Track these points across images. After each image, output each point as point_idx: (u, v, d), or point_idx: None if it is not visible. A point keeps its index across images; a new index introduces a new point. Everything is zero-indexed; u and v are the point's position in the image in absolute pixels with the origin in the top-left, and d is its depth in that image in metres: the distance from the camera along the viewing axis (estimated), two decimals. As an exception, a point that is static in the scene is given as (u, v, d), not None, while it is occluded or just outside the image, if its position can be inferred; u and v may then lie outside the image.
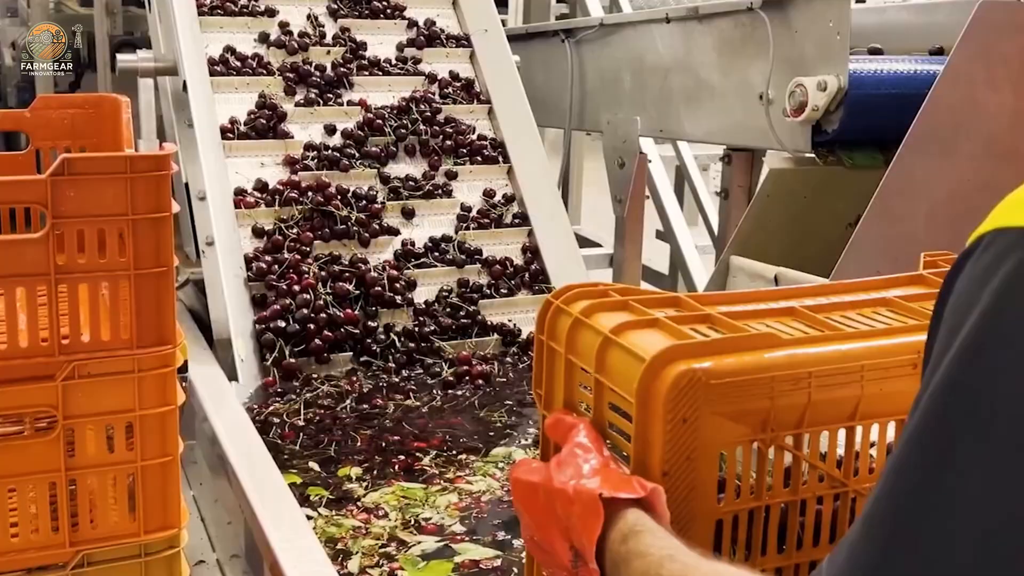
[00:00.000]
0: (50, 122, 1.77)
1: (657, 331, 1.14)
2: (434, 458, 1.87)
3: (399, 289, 2.36)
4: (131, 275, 1.29)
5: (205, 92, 2.51)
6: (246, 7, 2.78)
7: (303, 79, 2.68)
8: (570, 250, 2.62)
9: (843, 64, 2.06)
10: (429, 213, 2.57)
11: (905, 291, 1.34)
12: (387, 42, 2.87)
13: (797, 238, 2.26)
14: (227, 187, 2.41)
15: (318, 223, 2.42)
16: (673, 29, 2.67)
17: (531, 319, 2.49)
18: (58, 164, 1.24)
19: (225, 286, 2.27)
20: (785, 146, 2.21)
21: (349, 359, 2.28)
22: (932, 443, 0.57)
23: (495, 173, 2.69)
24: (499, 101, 2.80)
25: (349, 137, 2.60)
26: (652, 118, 2.80)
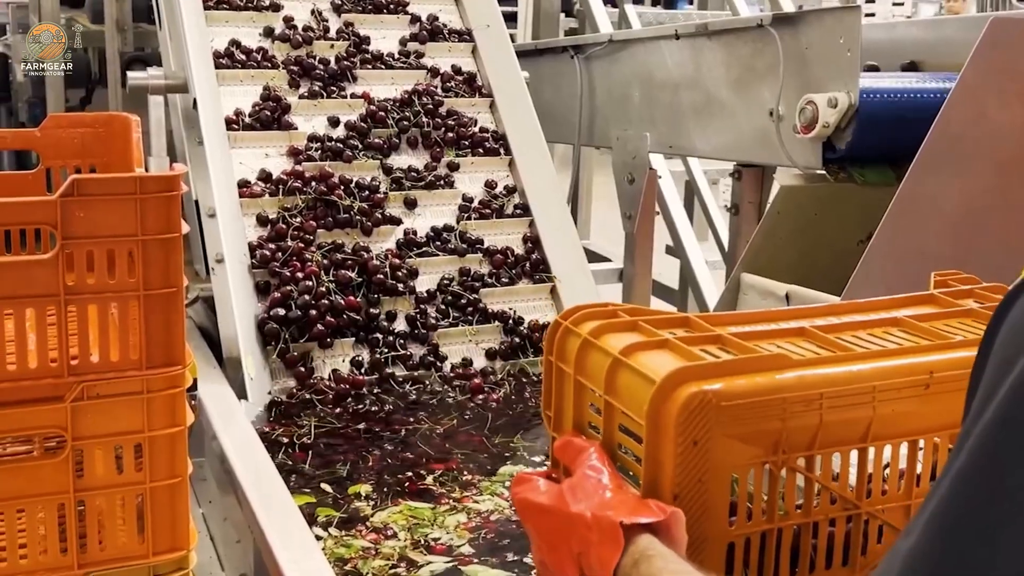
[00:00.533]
0: (60, 141, 1.77)
1: (667, 352, 1.14)
2: (438, 477, 1.86)
3: (401, 277, 2.39)
4: (140, 296, 1.29)
5: (216, 112, 2.52)
6: (251, 2, 2.82)
7: (307, 72, 2.71)
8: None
9: (854, 81, 2.06)
10: (431, 203, 2.60)
11: (916, 311, 1.33)
12: (390, 37, 2.90)
13: (808, 255, 2.25)
14: (236, 208, 2.41)
15: (321, 212, 2.45)
16: (683, 45, 2.67)
17: (532, 307, 2.50)
18: (68, 185, 1.24)
19: (235, 304, 2.27)
20: (796, 163, 2.21)
21: (351, 344, 2.31)
22: (982, 481, 0.56)
23: (496, 165, 2.71)
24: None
25: (352, 129, 2.63)
26: (662, 134, 2.80)
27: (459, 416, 2.15)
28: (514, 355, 2.41)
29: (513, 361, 2.40)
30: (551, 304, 2.54)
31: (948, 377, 1.14)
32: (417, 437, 2.02)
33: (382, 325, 2.34)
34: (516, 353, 2.41)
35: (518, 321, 2.44)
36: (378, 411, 2.15)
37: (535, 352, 2.39)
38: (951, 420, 1.17)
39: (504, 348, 2.40)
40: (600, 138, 3.14)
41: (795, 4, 5.56)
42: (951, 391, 1.15)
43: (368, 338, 2.32)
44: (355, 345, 2.32)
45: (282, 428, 2.02)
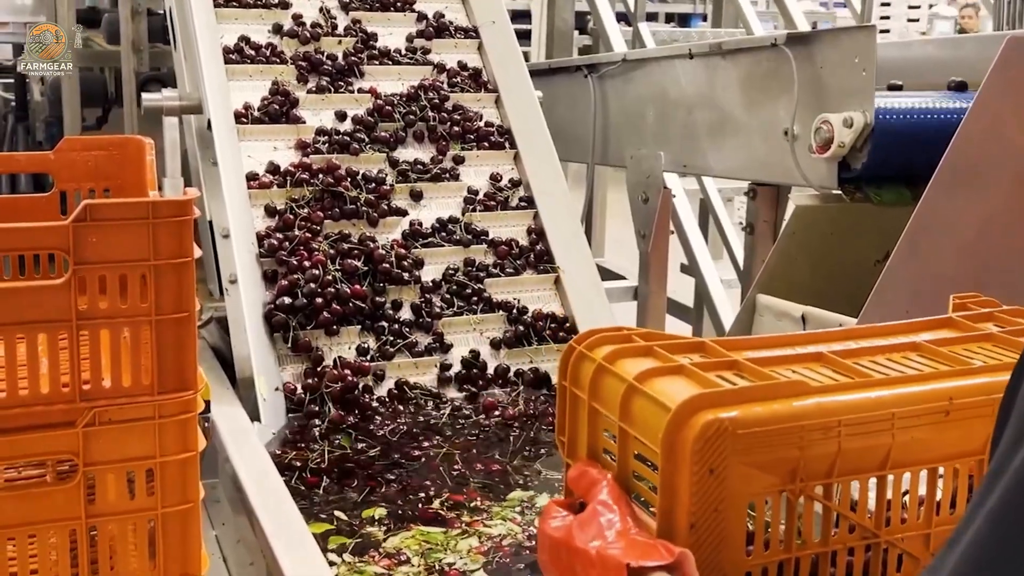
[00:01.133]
0: (74, 164, 1.78)
1: (682, 378, 1.13)
2: (445, 501, 1.85)
3: (407, 267, 2.41)
4: (152, 320, 1.29)
5: (231, 136, 2.52)
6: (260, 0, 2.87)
7: (315, 67, 2.75)
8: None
9: (869, 100, 2.04)
10: (437, 196, 2.62)
11: (935, 335, 1.31)
12: (397, 33, 2.94)
13: (824, 276, 2.23)
14: (249, 228, 2.41)
15: (328, 203, 2.48)
16: (696, 65, 2.66)
17: (536, 297, 2.52)
18: (81, 210, 1.24)
19: (248, 324, 2.27)
20: (811, 183, 2.19)
21: (358, 332, 2.33)
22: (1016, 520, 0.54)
23: (501, 158, 2.74)
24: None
25: (359, 123, 2.67)
26: (676, 153, 2.79)
27: (473, 436, 2.14)
28: (518, 343, 2.43)
29: (518, 349, 2.42)
30: (555, 294, 2.56)
31: (968, 404, 1.13)
32: (429, 460, 2.01)
33: (388, 313, 2.37)
34: (520, 342, 2.43)
35: (522, 310, 2.46)
36: (391, 431, 2.14)
37: (539, 341, 2.41)
38: (971, 447, 1.15)
39: (508, 337, 2.42)
40: (614, 157, 3.13)
41: (808, 20, 5.56)
42: (971, 417, 1.13)
43: (374, 326, 2.35)
44: (361, 333, 2.35)
45: (295, 452, 2.01)
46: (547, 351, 2.42)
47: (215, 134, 2.48)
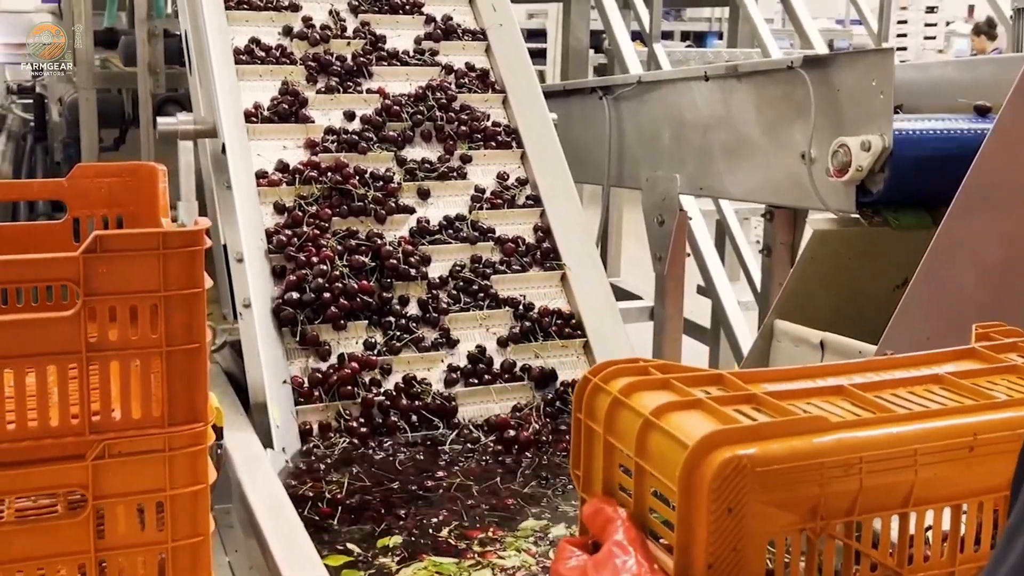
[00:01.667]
0: (87, 191, 1.77)
1: (700, 413, 1.11)
2: (456, 530, 1.82)
3: (414, 263, 2.43)
4: (163, 352, 1.28)
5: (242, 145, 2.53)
6: (271, 2, 2.91)
7: (324, 68, 2.78)
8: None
9: (887, 123, 2.02)
10: (444, 194, 2.64)
11: (957, 366, 1.29)
12: (405, 36, 2.96)
13: (843, 301, 2.21)
14: (262, 256, 2.41)
15: (336, 201, 2.51)
16: (712, 87, 2.64)
17: (542, 294, 2.53)
18: (91, 241, 1.23)
19: (261, 350, 2.25)
20: (828, 206, 2.17)
21: (365, 327, 2.35)
22: None
23: (508, 158, 2.75)
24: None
25: (367, 122, 2.69)
26: (692, 175, 2.78)
27: (485, 461, 2.12)
28: (524, 339, 2.43)
29: (524, 345, 2.43)
30: (561, 291, 2.56)
31: (993, 439, 1.10)
32: (442, 490, 1.99)
33: (395, 309, 2.38)
34: (526, 337, 2.43)
35: (528, 307, 2.47)
36: (403, 458, 2.12)
37: (545, 337, 2.42)
38: (996, 483, 1.13)
39: (514, 333, 2.43)
40: (629, 179, 3.11)
41: (824, 38, 5.54)
42: (996, 453, 1.11)
43: (381, 321, 2.36)
44: (368, 328, 2.36)
45: (310, 483, 1.99)
46: (553, 347, 2.43)
47: (228, 158, 2.48)
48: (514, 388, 2.37)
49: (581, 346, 2.47)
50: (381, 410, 2.25)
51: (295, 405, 2.21)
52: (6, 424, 1.24)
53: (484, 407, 2.34)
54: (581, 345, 2.47)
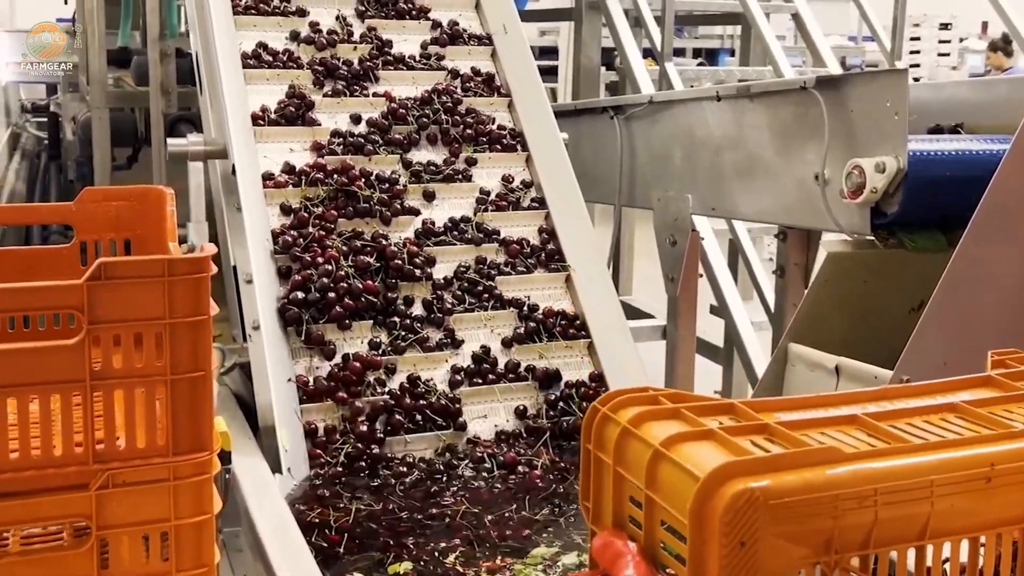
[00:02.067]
0: (95, 215, 1.77)
1: (711, 444, 1.09)
2: (459, 556, 1.80)
3: (419, 264, 2.45)
4: (168, 380, 1.27)
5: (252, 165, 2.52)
6: (278, 7, 2.93)
7: (331, 72, 2.80)
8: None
9: (902, 145, 2.00)
10: (449, 196, 2.65)
11: (973, 394, 1.26)
12: (412, 41, 2.99)
13: (858, 324, 2.18)
14: (272, 276, 2.40)
15: (342, 202, 2.53)
16: (724, 107, 2.63)
17: (547, 295, 2.53)
18: (95, 268, 1.22)
19: (270, 372, 2.24)
20: (843, 228, 2.15)
21: (370, 327, 2.36)
22: None
23: (513, 161, 2.76)
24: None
25: (374, 125, 2.71)
26: (704, 196, 2.76)
27: (496, 487, 2.10)
28: (529, 339, 2.44)
29: (528, 345, 2.43)
30: (565, 292, 2.57)
31: (1011, 469, 1.08)
32: (452, 516, 1.96)
33: (399, 309, 2.40)
34: (531, 338, 2.44)
35: (533, 308, 2.48)
36: (413, 479, 2.10)
37: (549, 337, 2.42)
38: (1014, 514, 1.10)
39: (519, 333, 2.43)
40: (641, 199, 3.10)
41: (837, 55, 5.52)
42: (1014, 484, 1.08)
43: (386, 321, 2.37)
44: (373, 328, 2.37)
45: (319, 510, 1.97)
46: (557, 347, 2.44)
47: (239, 178, 2.47)
48: (518, 388, 2.37)
49: (585, 347, 2.47)
50: (386, 410, 2.25)
51: (299, 403, 2.22)
52: (9, 453, 1.23)
53: (488, 407, 2.34)
54: (585, 346, 2.47)
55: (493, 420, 2.34)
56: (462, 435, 2.28)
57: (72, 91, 8.03)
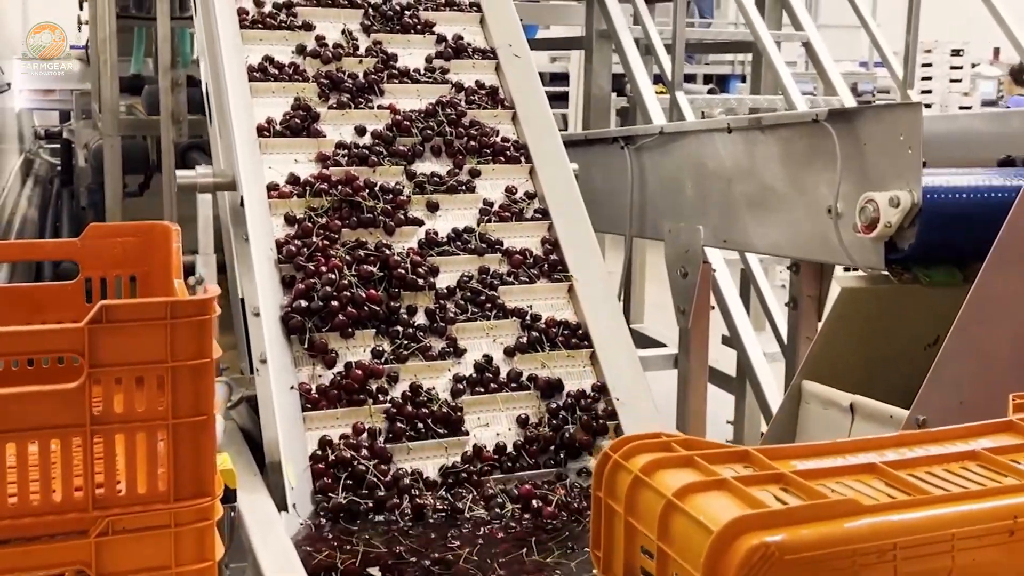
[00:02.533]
0: (101, 251, 1.75)
1: (725, 495, 1.06)
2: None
3: (422, 273, 2.45)
4: (169, 425, 1.24)
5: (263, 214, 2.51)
6: (285, 22, 2.95)
7: (336, 85, 2.82)
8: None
9: (916, 179, 1.97)
10: (452, 207, 2.66)
11: (994, 441, 1.23)
12: (416, 54, 3.01)
13: (872, 360, 2.14)
14: (277, 309, 2.38)
15: (346, 213, 2.54)
16: (735, 138, 2.60)
17: (549, 306, 2.53)
18: (96, 311, 1.20)
19: (276, 406, 2.21)
20: (856, 262, 2.12)
21: (372, 335, 2.36)
22: None
23: (517, 172, 2.77)
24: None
25: (378, 137, 2.72)
26: (716, 227, 2.73)
27: (510, 528, 2.06)
28: (531, 348, 2.43)
29: (530, 354, 2.42)
30: (568, 302, 2.56)
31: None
32: (460, 559, 1.92)
33: (402, 318, 2.40)
34: (533, 347, 2.44)
35: (535, 317, 2.48)
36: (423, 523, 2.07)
37: (552, 347, 2.42)
38: (1039, 568, 1.07)
39: (521, 343, 2.43)
40: (652, 230, 3.07)
41: (848, 81, 5.50)
42: (1039, 537, 1.05)
43: (389, 330, 2.38)
44: (376, 336, 2.37)
45: (325, 553, 1.93)
46: (559, 357, 2.43)
47: (247, 210, 2.46)
48: (520, 397, 2.37)
49: (588, 356, 2.47)
50: (388, 418, 2.25)
51: (302, 411, 2.21)
52: (7, 499, 1.21)
53: (490, 415, 2.33)
54: (588, 355, 2.47)
55: (495, 428, 2.33)
56: (464, 442, 2.27)
57: (85, 118, 8.08)
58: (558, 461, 2.28)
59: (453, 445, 2.27)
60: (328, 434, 2.22)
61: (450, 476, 2.21)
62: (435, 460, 2.24)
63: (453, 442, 2.26)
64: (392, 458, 2.20)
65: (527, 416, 2.34)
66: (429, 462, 2.24)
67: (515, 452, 2.28)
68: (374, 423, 2.24)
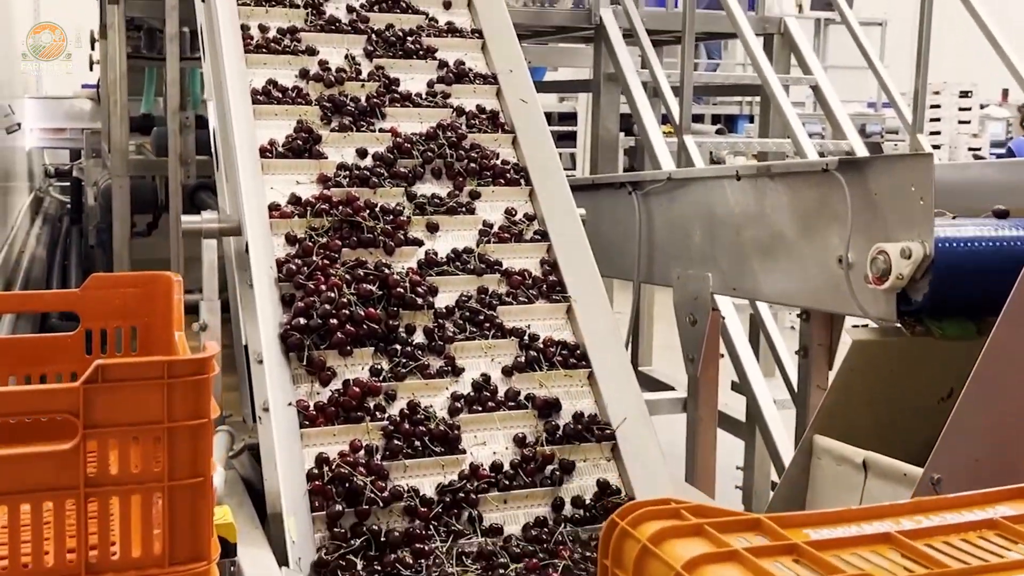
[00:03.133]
0: (101, 302, 1.73)
1: (737, 568, 1.02)
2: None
3: (421, 293, 2.46)
4: (165, 487, 1.21)
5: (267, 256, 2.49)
6: (289, 47, 2.99)
7: (338, 108, 2.85)
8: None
9: (928, 230, 1.95)
10: (452, 228, 2.67)
11: (1014, 508, 1.20)
12: (418, 79, 3.03)
13: (885, 414, 2.11)
14: (282, 359, 2.35)
15: (346, 232, 2.55)
16: (744, 185, 2.58)
17: (547, 326, 2.52)
18: (92, 371, 1.17)
19: (278, 456, 2.18)
20: (868, 314, 2.09)
21: (371, 354, 2.36)
22: None
23: (517, 195, 2.79)
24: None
25: (379, 159, 2.74)
26: (725, 275, 2.70)
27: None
28: (529, 368, 2.43)
29: (528, 374, 2.42)
30: (566, 323, 2.56)
31: (1058, 597, 1.01)
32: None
33: (401, 336, 2.40)
34: (531, 366, 2.43)
35: (534, 337, 2.48)
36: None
37: (550, 367, 2.42)
38: (1063, 645, 1.03)
39: (519, 362, 2.43)
40: (660, 276, 3.05)
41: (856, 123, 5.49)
42: (1062, 613, 1.01)
43: (387, 349, 2.37)
44: (375, 355, 2.36)
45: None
46: (557, 376, 2.42)
47: (251, 257, 2.44)
48: (518, 416, 2.36)
49: (585, 376, 2.46)
50: (385, 435, 2.24)
51: (300, 428, 2.21)
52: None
53: (488, 434, 2.32)
54: (585, 375, 2.46)
55: (492, 447, 2.32)
56: (461, 460, 2.26)
57: (95, 157, 8.11)
58: (554, 480, 2.27)
59: (450, 463, 2.26)
60: (325, 451, 2.21)
61: (447, 494, 2.20)
62: (432, 478, 2.23)
63: (450, 460, 2.26)
64: (389, 475, 2.20)
65: (524, 435, 2.33)
66: (426, 480, 2.23)
67: (512, 470, 2.27)
68: (371, 440, 2.24)
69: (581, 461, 2.31)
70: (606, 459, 2.33)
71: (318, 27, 3.06)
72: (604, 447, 2.34)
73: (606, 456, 2.34)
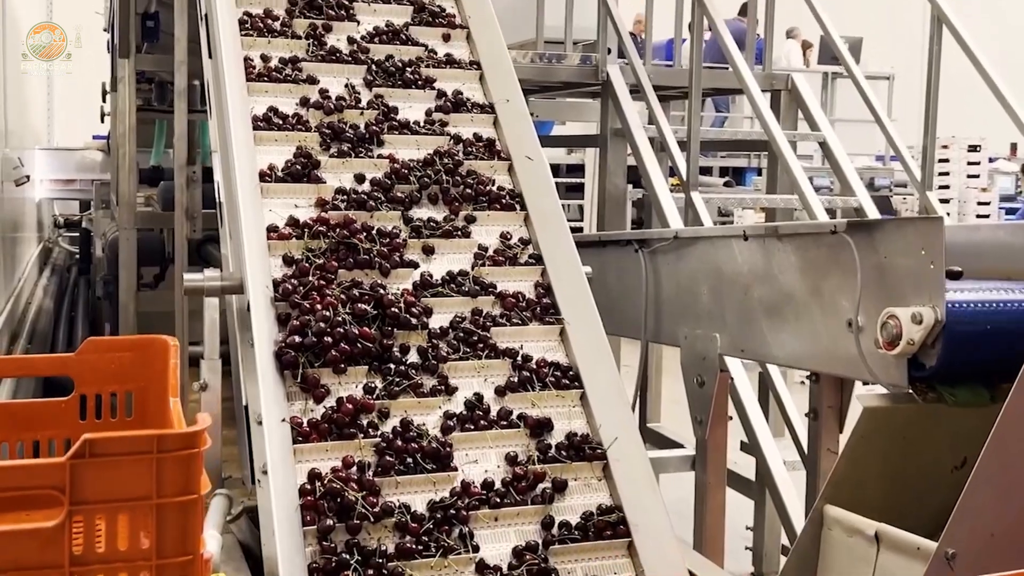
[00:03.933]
0: (96, 366, 1.71)
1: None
2: None
3: (415, 313, 2.47)
4: (154, 565, 1.17)
5: (269, 324, 2.46)
6: (290, 75, 3.04)
7: (338, 135, 2.89)
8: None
9: (939, 295, 1.91)
10: (448, 251, 2.70)
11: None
12: (417, 108, 3.08)
13: (898, 482, 2.06)
14: (284, 423, 2.32)
15: (343, 254, 2.58)
16: (752, 245, 2.56)
17: (541, 348, 2.53)
18: (80, 445, 1.14)
19: (276, 517, 2.14)
20: (879, 379, 2.05)
21: (365, 372, 2.36)
22: None
23: (512, 220, 2.82)
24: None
25: (377, 185, 2.78)
26: (733, 336, 2.67)
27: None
28: (521, 388, 2.42)
29: (521, 393, 2.40)
30: (559, 345, 2.56)
31: None
32: None
33: (395, 356, 2.41)
34: (524, 386, 2.43)
35: (527, 358, 2.49)
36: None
37: (542, 387, 2.43)
38: None
39: (512, 382, 2.43)
40: (667, 335, 3.01)
41: (864, 177, 5.47)
42: None
43: (381, 367, 2.38)
44: (368, 373, 2.37)
45: None
46: (549, 397, 2.42)
47: (253, 318, 2.41)
48: (510, 435, 2.34)
49: (578, 397, 2.45)
50: (377, 451, 2.23)
51: (292, 443, 2.20)
52: (-23, 647, 1.14)
53: (480, 452, 2.31)
54: (578, 396, 2.45)
55: (484, 465, 2.31)
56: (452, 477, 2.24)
57: (104, 208, 8.16)
58: (545, 498, 2.25)
59: (441, 480, 2.24)
60: (318, 467, 2.19)
61: (438, 510, 2.18)
62: (423, 495, 2.21)
63: (441, 477, 2.24)
64: (381, 491, 2.18)
65: (516, 454, 2.32)
66: (417, 496, 2.21)
67: (503, 488, 2.25)
68: (364, 457, 2.23)
69: (572, 480, 2.30)
70: (597, 478, 2.32)
71: (319, 57, 3.12)
72: (596, 466, 2.33)
73: (597, 475, 2.33)
